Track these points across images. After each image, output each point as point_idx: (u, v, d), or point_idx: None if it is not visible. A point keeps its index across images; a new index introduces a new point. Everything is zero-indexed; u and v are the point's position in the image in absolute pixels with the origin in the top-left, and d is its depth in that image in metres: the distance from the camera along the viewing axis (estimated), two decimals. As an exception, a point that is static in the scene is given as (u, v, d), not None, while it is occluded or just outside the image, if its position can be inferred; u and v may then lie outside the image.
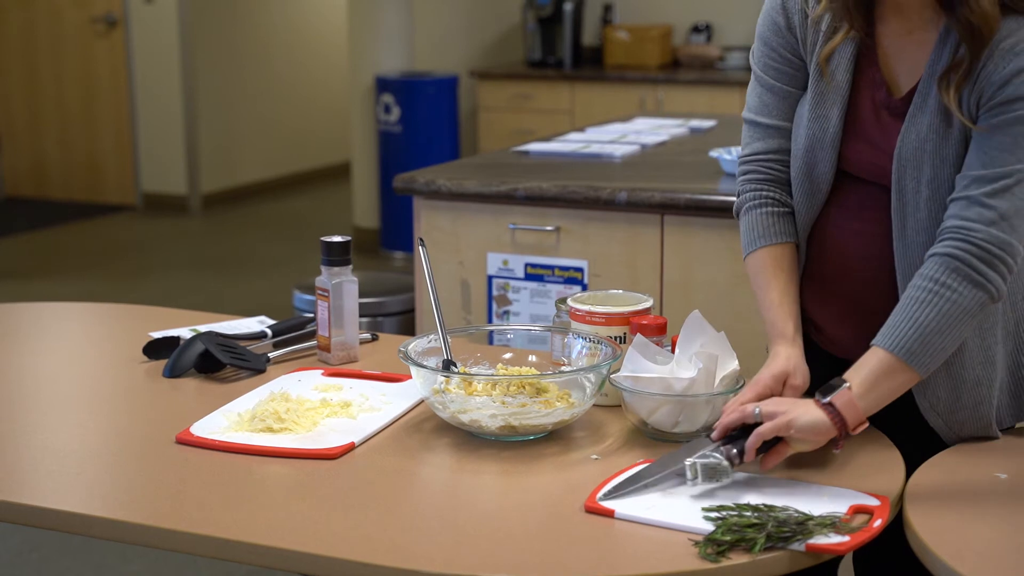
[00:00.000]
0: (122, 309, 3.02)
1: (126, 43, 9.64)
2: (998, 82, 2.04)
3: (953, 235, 2.04)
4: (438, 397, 2.21)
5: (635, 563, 1.79)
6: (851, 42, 2.22)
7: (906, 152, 2.15)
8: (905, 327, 2.03)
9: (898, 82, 2.22)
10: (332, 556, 1.81)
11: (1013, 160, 2.03)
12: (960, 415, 2.24)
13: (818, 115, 2.26)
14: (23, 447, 2.27)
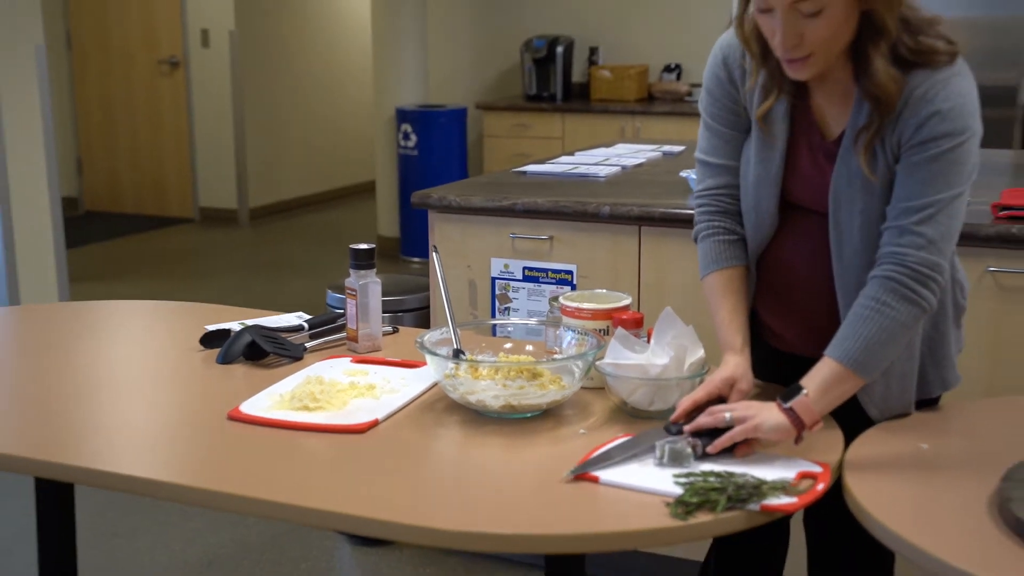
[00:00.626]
0: (182, 306, 3.03)
1: (186, 81, 9.64)
2: (915, 125, 2.06)
3: (890, 260, 2.07)
4: (449, 381, 2.22)
5: (616, 521, 1.81)
6: (784, 99, 2.22)
7: (839, 187, 2.18)
8: (852, 341, 2.06)
9: (829, 127, 2.23)
10: (359, 515, 1.83)
11: (933, 192, 2.06)
12: (890, 402, 2.26)
13: (761, 158, 2.27)
14: (101, 423, 2.28)
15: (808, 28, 2.01)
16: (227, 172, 9.65)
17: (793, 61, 2.08)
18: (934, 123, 2.05)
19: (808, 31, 2.01)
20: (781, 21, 2.01)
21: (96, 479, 2.03)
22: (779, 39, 2.03)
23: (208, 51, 9.54)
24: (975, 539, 1.73)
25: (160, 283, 7.53)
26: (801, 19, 2.00)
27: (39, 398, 2.37)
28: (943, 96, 2.06)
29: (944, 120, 2.05)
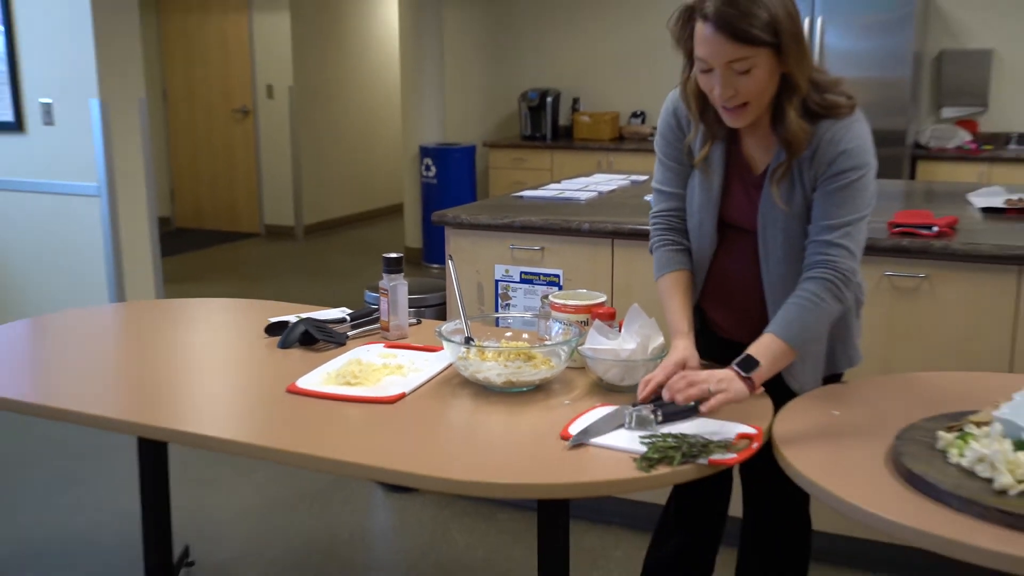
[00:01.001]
0: (250, 303, 3.03)
1: (255, 126, 9.64)
2: (827, 161, 2.12)
3: (823, 266, 2.12)
4: (461, 362, 2.22)
5: (593, 472, 1.82)
6: (720, 143, 2.26)
7: (766, 211, 2.21)
8: (796, 326, 2.12)
9: (756, 164, 2.26)
10: (390, 468, 1.84)
11: (847, 212, 2.12)
12: (807, 377, 2.28)
13: (703, 188, 2.30)
14: (187, 394, 2.30)
15: (740, 83, 2.04)
16: (286, 197, 9.66)
17: (730, 110, 2.10)
18: (842, 160, 2.11)
19: (740, 85, 2.05)
20: (720, 77, 2.05)
21: (184, 439, 2.04)
22: (718, 92, 2.07)
23: (272, 102, 9.55)
24: (873, 484, 1.74)
25: (233, 284, 7.55)
26: (735, 76, 2.04)
27: (140, 375, 2.39)
28: (847, 139, 2.11)
29: (850, 157, 2.11)
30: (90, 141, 5.32)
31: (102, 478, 4.05)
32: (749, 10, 1.98)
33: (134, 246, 5.53)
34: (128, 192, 5.46)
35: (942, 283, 3.02)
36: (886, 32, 6.22)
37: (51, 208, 5.54)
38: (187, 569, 3.32)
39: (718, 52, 2.02)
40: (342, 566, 3.35)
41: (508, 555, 3.39)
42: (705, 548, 2.78)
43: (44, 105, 5.42)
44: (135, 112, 5.47)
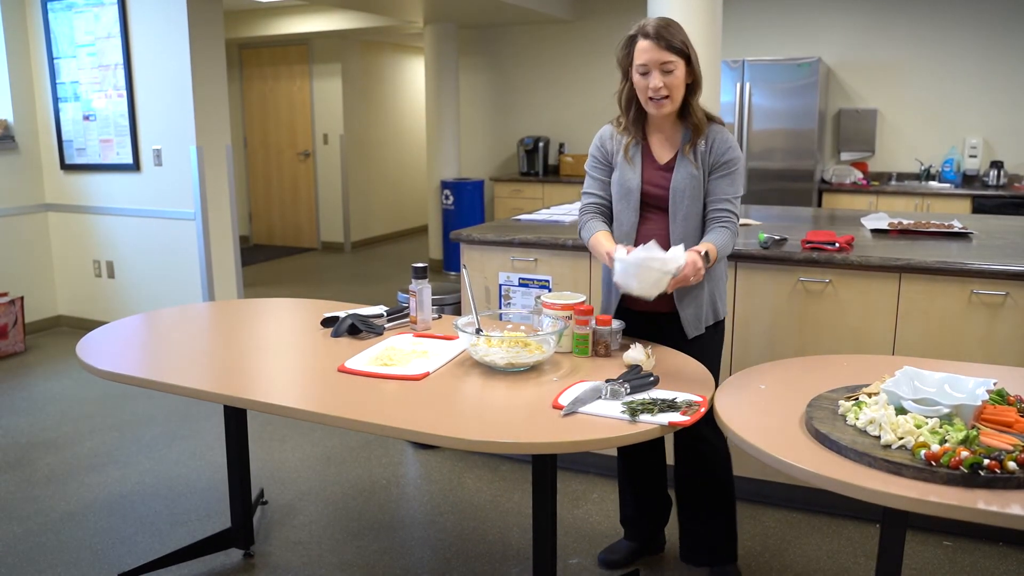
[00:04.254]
0: (310, 303, 3.03)
1: (314, 166, 9.64)
2: (720, 153, 2.41)
3: (726, 219, 2.39)
4: (473, 348, 2.22)
5: (580, 432, 1.81)
6: (637, 143, 2.46)
7: (676, 190, 2.40)
8: (718, 241, 2.34)
9: (661, 156, 2.45)
10: (418, 430, 1.84)
11: (733, 191, 2.42)
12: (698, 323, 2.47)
13: (629, 175, 2.46)
14: (262, 372, 2.29)
15: (667, 80, 2.32)
16: (337, 219, 9.65)
17: (658, 101, 2.34)
18: (729, 153, 2.42)
19: (667, 81, 2.32)
20: (654, 76, 2.31)
21: (259, 407, 2.04)
22: (652, 85, 2.32)
23: (327, 147, 9.54)
24: (790, 441, 1.74)
25: (296, 288, 7.54)
26: (664, 75, 2.31)
27: (226, 357, 2.39)
28: (730, 140, 2.44)
29: (733, 151, 2.43)
30: (189, 177, 5.34)
31: (197, 437, 4.04)
32: (672, 32, 2.31)
33: (221, 258, 5.53)
34: (217, 216, 5.47)
35: (842, 287, 3.02)
36: (797, 95, 6.23)
37: (159, 229, 5.55)
38: (262, 507, 3.31)
39: (654, 57, 2.29)
40: (381, 504, 3.34)
41: (509, 497, 3.39)
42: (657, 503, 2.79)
43: (155, 151, 5.43)
44: (223, 155, 5.47)
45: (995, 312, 2.84)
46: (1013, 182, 6.49)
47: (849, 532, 3.06)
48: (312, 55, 9.42)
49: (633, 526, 2.84)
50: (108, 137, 5.56)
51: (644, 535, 2.84)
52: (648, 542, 2.86)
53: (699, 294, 2.45)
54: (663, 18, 2.35)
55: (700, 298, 2.46)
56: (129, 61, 5.37)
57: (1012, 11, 6.42)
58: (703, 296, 2.46)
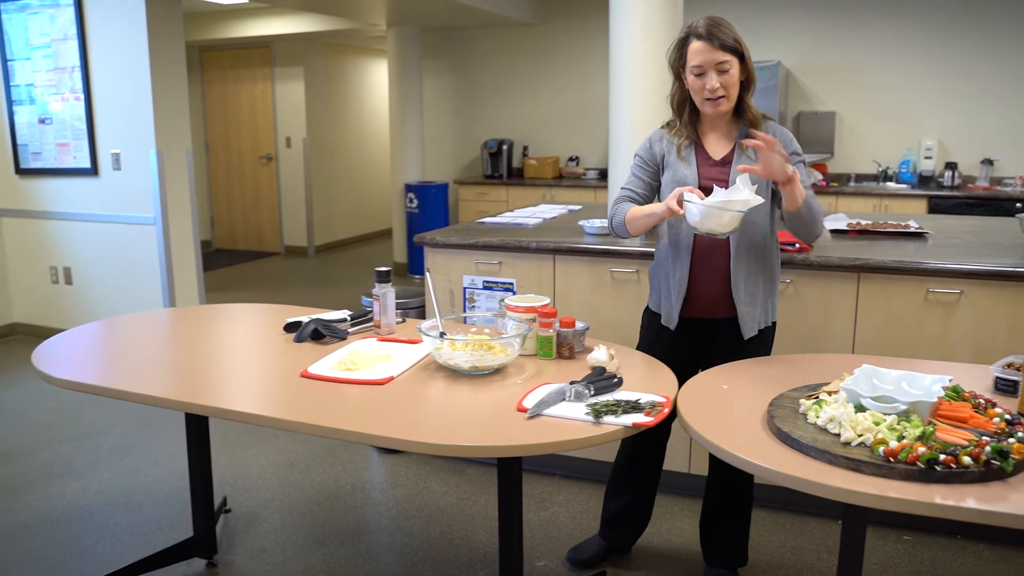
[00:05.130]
0: (273, 307, 3.00)
1: (276, 169, 9.55)
2: (784, 146, 2.31)
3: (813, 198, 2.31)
4: (437, 352, 2.21)
5: (545, 435, 1.80)
6: (690, 142, 2.44)
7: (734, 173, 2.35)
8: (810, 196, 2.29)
9: (715, 152, 2.43)
10: (382, 435, 1.82)
11: (808, 180, 2.35)
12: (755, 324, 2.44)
13: (682, 174, 2.42)
14: (224, 379, 2.26)
15: (723, 80, 2.29)
16: (300, 223, 9.57)
17: (714, 100, 2.32)
18: (793, 144, 2.41)
19: (723, 81, 2.29)
20: (710, 76, 2.29)
21: (222, 414, 2.01)
22: (709, 86, 2.29)
23: (290, 150, 9.47)
24: (752, 439, 1.75)
25: (259, 293, 7.46)
26: (719, 75, 2.29)
27: (187, 364, 2.36)
28: (788, 133, 2.44)
29: (795, 143, 2.43)
30: (149, 182, 5.27)
31: (158, 445, 3.99)
32: (724, 31, 2.29)
33: (182, 263, 5.47)
34: (178, 221, 5.40)
35: (803, 286, 3.06)
36: (758, 97, 6.21)
37: (118, 234, 5.46)
38: (225, 515, 3.27)
39: (709, 57, 2.27)
40: (346, 510, 3.32)
41: (475, 500, 3.38)
42: (645, 503, 2.80)
43: (114, 155, 5.35)
44: (183, 159, 5.41)
45: (950, 310, 2.89)
46: (967, 183, 6.62)
47: (812, 529, 3.10)
48: (274, 58, 9.34)
49: (615, 528, 2.84)
50: (65, 141, 5.47)
51: (625, 538, 2.84)
52: (628, 545, 2.87)
53: (757, 294, 2.44)
54: (712, 17, 2.32)
55: (757, 298, 2.44)
56: (86, 63, 5.28)
57: (965, 17, 6.55)
58: (759, 297, 2.44)
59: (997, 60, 6.53)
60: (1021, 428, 1.71)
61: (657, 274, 2.57)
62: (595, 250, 3.30)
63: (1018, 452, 1.59)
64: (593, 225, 3.55)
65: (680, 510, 3.21)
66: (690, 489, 3.25)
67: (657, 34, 3.79)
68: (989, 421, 1.74)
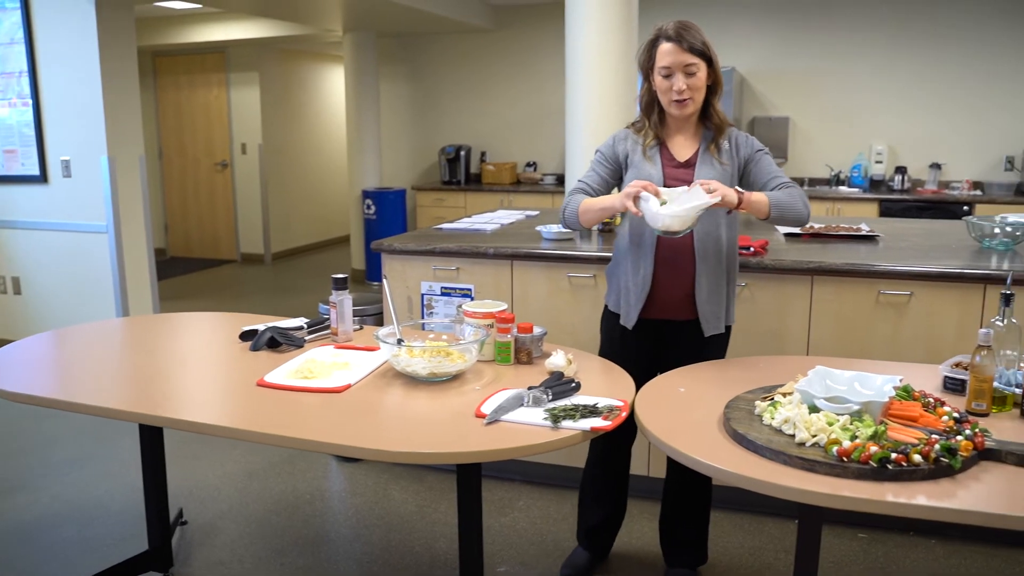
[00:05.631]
0: (228, 315, 2.97)
1: (232, 175, 9.45)
2: (747, 148, 2.46)
3: (788, 186, 2.39)
4: (395, 358, 2.20)
5: (503, 440, 1.80)
6: (656, 143, 2.47)
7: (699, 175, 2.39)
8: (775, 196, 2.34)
9: (679, 155, 2.46)
10: (341, 443, 1.81)
11: (776, 172, 2.44)
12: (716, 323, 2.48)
13: (647, 173, 2.43)
14: (178, 388, 2.22)
15: (690, 82, 2.34)
16: (257, 230, 9.48)
17: (681, 102, 2.36)
18: (755, 143, 2.48)
19: (690, 83, 2.34)
20: (677, 78, 2.33)
21: (177, 424, 1.98)
22: (676, 88, 2.34)
23: (245, 156, 9.37)
24: (709, 441, 1.77)
25: (215, 301, 7.37)
26: (686, 77, 2.33)
27: (140, 374, 2.32)
28: (749, 135, 2.51)
29: (757, 141, 2.49)
30: (100, 189, 5.18)
31: (111, 457, 3.91)
32: (693, 34, 2.34)
33: (135, 272, 5.38)
34: (130, 229, 5.32)
35: (758, 289, 3.10)
36: (714, 102, 6.36)
37: (69, 242, 5.36)
38: (182, 527, 3.22)
39: (678, 59, 2.32)
40: (305, 520, 3.28)
41: (435, 507, 3.37)
42: (621, 512, 2.81)
43: (64, 161, 5.25)
44: (136, 165, 5.33)
45: (901, 311, 2.95)
46: (916, 186, 6.76)
47: (769, 529, 3.13)
48: (229, 63, 9.24)
49: (595, 537, 2.83)
50: (12, 147, 5.35)
51: (604, 545, 2.85)
52: (607, 551, 2.87)
53: (720, 293, 2.47)
54: (682, 21, 2.37)
55: (720, 295, 2.48)
56: (34, 68, 5.18)
57: (913, 26, 6.70)
58: (722, 297, 2.48)
59: (944, 68, 6.69)
60: (968, 426, 1.75)
61: (616, 273, 2.58)
62: (553, 255, 3.31)
63: (965, 449, 1.63)
64: (551, 230, 3.56)
65: (640, 513, 3.23)
66: (650, 492, 3.27)
67: (612, 41, 3.82)
68: (938, 420, 1.78)
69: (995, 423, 1.85)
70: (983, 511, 1.48)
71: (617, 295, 2.56)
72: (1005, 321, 2.01)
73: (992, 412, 1.92)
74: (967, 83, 6.66)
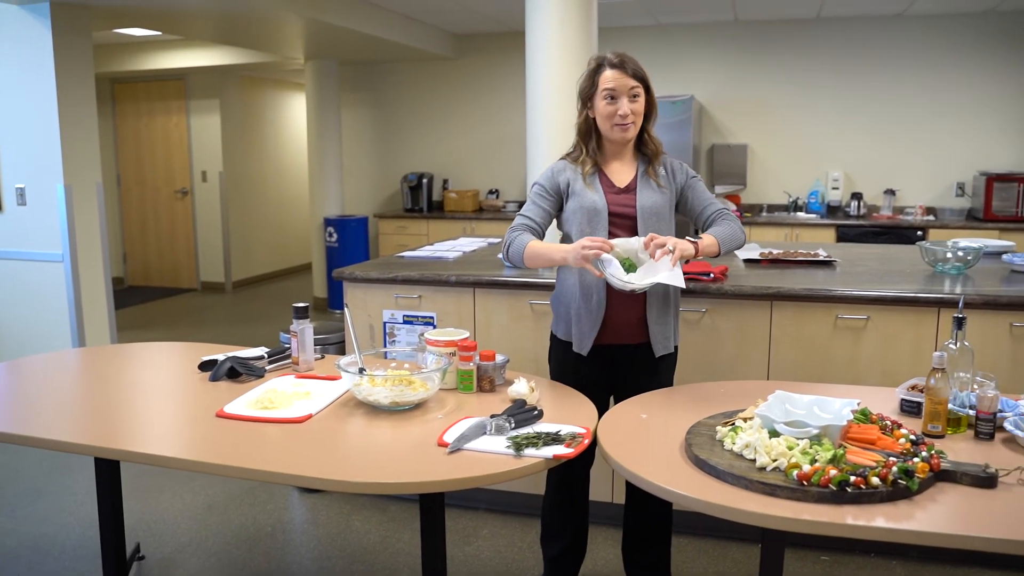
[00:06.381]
0: (187, 345, 2.93)
1: (192, 203, 9.34)
2: (682, 173, 2.56)
3: (725, 214, 2.55)
4: (356, 388, 2.19)
5: (466, 469, 1.79)
6: (594, 171, 2.50)
7: (643, 208, 2.47)
8: (719, 233, 2.48)
9: (619, 180, 2.51)
10: (302, 474, 1.79)
11: (711, 198, 2.58)
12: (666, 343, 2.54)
13: (591, 200, 2.47)
14: (135, 421, 2.18)
15: (632, 106, 2.42)
16: (217, 259, 9.37)
17: (624, 126, 2.43)
18: (689, 169, 2.59)
19: (633, 107, 2.42)
20: (622, 102, 2.40)
21: (134, 457, 1.94)
22: (620, 111, 2.41)
23: (206, 184, 9.28)
24: (671, 467, 1.78)
25: (175, 330, 7.26)
26: (631, 101, 2.41)
27: (97, 406, 2.27)
28: (682, 163, 2.59)
29: (691, 169, 2.59)
30: (56, 217, 5.10)
31: (66, 492, 3.82)
32: (634, 61, 2.44)
33: (92, 301, 5.29)
34: (87, 257, 5.24)
35: (718, 315, 3.13)
36: (673, 130, 6.45)
37: (23, 272, 5.26)
38: (139, 562, 3.15)
39: (623, 83, 2.40)
40: (267, 552, 3.23)
41: (399, 537, 3.33)
42: (583, 534, 2.79)
43: (18, 189, 5.17)
44: (93, 193, 5.26)
45: (858, 335, 3.00)
46: (871, 212, 6.90)
47: (733, 553, 3.14)
48: (189, 90, 9.18)
49: (559, 566, 2.81)
50: (-35, 176, 5.25)
51: (569, 573, 2.83)
52: None
53: (668, 315, 2.54)
54: (618, 51, 2.47)
55: (669, 317, 2.54)
56: (-12, 96, 5.10)
57: (867, 56, 6.87)
58: (671, 317, 2.56)
59: (898, 97, 6.86)
60: (925, 448, 1.77)
61: (563, 302, 2.58)
62: (514, 283, 3.31)
63: (922, 471, 1.66)
64: (514, 257, 3.58)
65: (604, 539, 3.22)
66: (613, 518, 3.26)
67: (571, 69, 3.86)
68: (895, 442, 1.81)
69: (950, 444, 1.89)
70: (940, 532, 1.51)
71: (567, 323, 2.56)
72: (958, 344, 2.05)
73: (947, 433, 1.95)
74: (920, 112, 6.83)
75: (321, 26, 5.99)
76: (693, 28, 7.21)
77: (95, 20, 5.54)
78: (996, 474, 1.67)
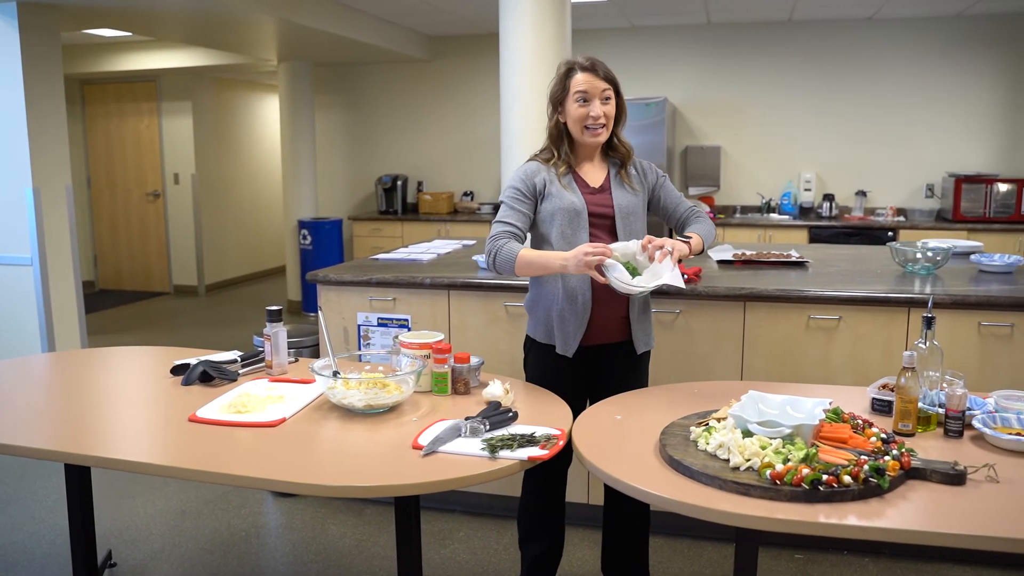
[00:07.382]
0: (159, 349, 2.89)
1: (164, 206, 9.25)
2: (652, 173, 2.62)
3: (699, 213, 2.63)
4: (330, 391, 2.18)
5: (441, 472, 1.79)
6: (568, 172, 2.52)
7: (620, 207, 2.49)
8: (700, 230, 2.54)
9: (592, 181, 2.53)
10: (275, 479, 1.78)
11: (681, 197, 2.65)
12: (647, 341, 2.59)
13: (570, 201, 2.47)
14: (106, 426, 2.16)
15: (604, 109, 2.43)
16: (190, 262, 9.29)
17: (596, 129, 2.44)
18: (659, 169, 2.64)
19: (605, 110, 2.44)
20: (594, 104, 2.42)
21: (105, 463, 1.92)
22: (593, 113, 2.42)
23: (178, 187, 9.20)
24: (645, 468, 1.78)
25: (147, 334, 7.18)
26: (603, 104, 2.43)
27: (67, 411, 2.24)
28: (652, 163, 2.65)
29: (661, 170, 2.65)
30: (24, 221, 5.03)
31: (35, 499, 3.77)
32: (604, 65, 2.46)
33: (62, 305, 5.22)
34: (57, 261, 5.17)
35: (692, 316, 3.15)
36: (647, 132, 6.49)
37: (-10, 276, 5.18)
38: (111, 569, 3.11)
39: (595, 85, 2.41)
40: (241, 558, 3.20)
41: (375, 541, 3.32)
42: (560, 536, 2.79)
43: (-17, 192, 5.09)
44: (63, 196, 5.19)
45: (830, 335, 3.03)
46: (843, 213, 6.97)
47: (709, 553, 3.16)
48: (161, 92, 9.09)
49: (537, 568, 2.80)
50: (-69, 179, 5.17)
51: (549, 573, 2.82)
52: None
53: (648, 312, 2.61)
54: (588, 55, 2.51)
55: (647, 314, 2.61)
56: (-46, 98, 5.02)
57: (838, 59, 6.94)
58: (648, 313, 2.62)
59: (869, 100, 6.93)
60: (895, 446, 1.79)
61: (543, 305, 2.55)
62: (489, 285, 3.31)
63: (893, 469, 1.67)
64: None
65: (581, 540, 3.23)
66: (590, 519, 3.27)
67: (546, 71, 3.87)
68: (867, 441, 1.82)
69: (920, 442, 1.91)
70: (911, 529, 1.52)
71: (547, 326, 2.54)
72: (927, 343, 2.08)
73: (917, 432, 1.98)
74: (891, 114, 6.92)
75: (294, 27, 5.96)
76: (666, 30, 7.25)
77: (64, 20, 5.48)
78: (965, 471, 1.69)
